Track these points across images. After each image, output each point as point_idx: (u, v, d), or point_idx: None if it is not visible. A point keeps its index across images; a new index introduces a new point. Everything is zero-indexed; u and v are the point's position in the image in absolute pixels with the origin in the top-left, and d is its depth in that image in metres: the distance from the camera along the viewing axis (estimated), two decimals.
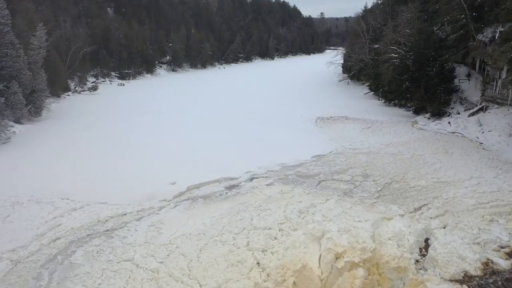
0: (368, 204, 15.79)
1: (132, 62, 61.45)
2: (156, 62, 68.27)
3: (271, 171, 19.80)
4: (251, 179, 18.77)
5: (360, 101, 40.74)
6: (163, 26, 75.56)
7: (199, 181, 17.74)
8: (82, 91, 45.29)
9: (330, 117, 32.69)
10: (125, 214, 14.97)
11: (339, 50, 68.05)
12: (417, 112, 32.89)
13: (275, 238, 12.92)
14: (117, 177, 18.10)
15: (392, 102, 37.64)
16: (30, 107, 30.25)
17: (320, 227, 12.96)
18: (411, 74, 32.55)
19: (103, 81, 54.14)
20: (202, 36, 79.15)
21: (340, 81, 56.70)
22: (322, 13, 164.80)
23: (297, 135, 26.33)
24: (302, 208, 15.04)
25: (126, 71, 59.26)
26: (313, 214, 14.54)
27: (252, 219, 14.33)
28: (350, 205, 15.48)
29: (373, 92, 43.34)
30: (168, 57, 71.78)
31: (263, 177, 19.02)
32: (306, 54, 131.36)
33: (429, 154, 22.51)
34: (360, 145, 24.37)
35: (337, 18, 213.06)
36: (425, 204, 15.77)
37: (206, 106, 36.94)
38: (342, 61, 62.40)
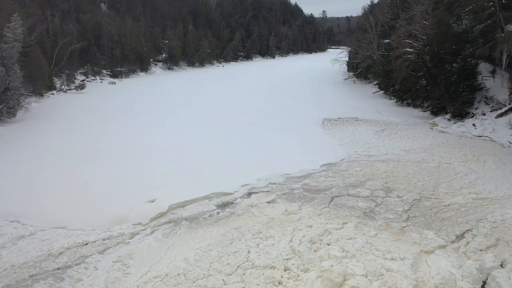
0: (396, 229, 12.45)
1: (126, 59, 58.10)
2: (151, 60, 64.93)
3: (273, 183, 16.48)
4: (249, 194, 15.45)
5: (369, 101, 37.42)
6: (159, 22, 72.26)
7: (185, 198, 14.40)
8: (69, 90, 41.99)
9: (338, 118, 29.36)
10: (86, 244, 11.64)
11: (343, 49, 64.86)
12: (435, 113, 29.55)
13: (280, 284, 9.60)
14: (84, 193, 14.77)
15: (405, 102, 34.32)
16: (2, 107, 26.95)
17: (340, 268, 9.62)
18: (428, 70, 29.23)
19: (94, 80, 50.85)
20: (200, 33, 75.82)
21: (345, 79, 53.40)
22: (324, 11, 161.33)
23: (302, 140, 22.98)
24: (313, 236, 11.71)
25: (119, 69, 55.94)
26: (329, 245, 11.23)
27: (249, 252, 11.02)
28: (374, 231, 12.15)
29: (383, 91, 39.99)
30: (164, 55, 68.45)
31: (263, 191, 15.70)
32: (307, 53, 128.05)
33: (459, 162, 19.18)
34: (376, 151, 21.03)
35: (338, 18, 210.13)
36: (468, 230, 12.44)
37: (201, 107, 33.61)
38: (347, 59, 59.21)
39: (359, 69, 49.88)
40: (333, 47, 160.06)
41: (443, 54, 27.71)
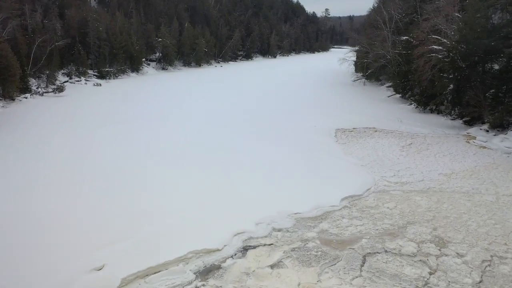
0: None
1: (115, 59, 53.47)
2: (144, 59, 60.30)
3: (279, 230, 11.87)
4: (244, 250, 10.83)
5: (384, 106, 32.78)
6: (153, 19, 67.66)
7: (149, 263, 9.77)
8: (46, 92, 37.38)
9: (353, 128, 24.71)
10: None
11: (351, 48, 60.24)
12: (468, 122, 24.91)
13: None
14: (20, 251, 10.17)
15: (428, 108, 29.68)
16: None
17: None
18: (459, 72, 24.62)
19: (78, 81, 46.22)
20: (197, 31, 71.22)
21: (354, 81, 48.81)
22: (327, 9, 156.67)
23: (314, 159, 18.32)
24: None
25: (107, 69, 51.31)
26: None
27: None
28: None
29: (399, 95, 35.36)
30: (158, 54, 63.81)
31: (264, 244, 11.09)
32: (310, 52, 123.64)
33: None
34: (408, 176, 16.39)
35: (340, 17, 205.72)
36: None
37: (192, 113, 29.01)
38: (355, 58, 54.60)
39: (369, 69, 45.23)
40: (335, 46, 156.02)
41: (481, 52, 23.06)
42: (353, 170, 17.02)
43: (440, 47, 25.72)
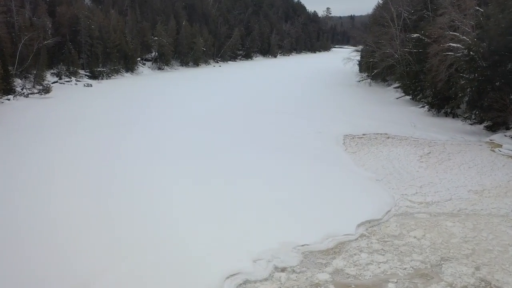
0: None
1: (108, 58, 51.10)
2: (139, 58, 57.89)
3: (282, 270, 9.49)
4: None
5: (394, 109, 30.40)
6: (149, 17, 65.35)
7: None
8: (31, 93, 35.00)
9: (363, 134, 22.31)
10: None
11: (354, 48, 57.89)
12: (491, 127, 22.50)
13: None
14: None
15: (443, 111, 27.29)
16: None
17: None
18: (480, 72, 22.24)
19: (68, 81, 43.82)
20: (195, 29, 68.80)
21: (359, 81, 46.40)
22: (328, 8, 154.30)
23: (322, 173, 15.90)
24: None
25: (99, 69, 48.92)
26: None
27: None
28: None
29: (409, 97, 32.97)
30: (154, 53, 61.38)
31: None
32: (311, 52, 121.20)
33: None
34: (433, 194, 13.99)
35: (340, 17, 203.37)
36: None
37: (185, 117, 26.63)
38: (359, 58, 52.36)
39: (375, 69, 42.86)
40: (336, 46, 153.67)
41: (505, 50, 20.67)
42: (367, 186, 14.63)
43: (459, 45, 23.33)
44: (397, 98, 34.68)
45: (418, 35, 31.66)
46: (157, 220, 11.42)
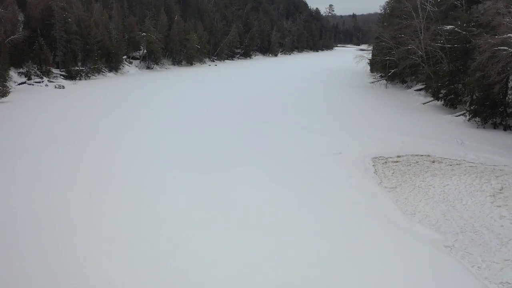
0: None
1: (88, 56, 45.35)
2: (125, 57, 52.13)
3: None
4: None
5: (424, 118, 24.61)
6: (137, 11, 59.59)
7: None
8: None
9: (398, 156, 16.48)
10: None
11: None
12: None
13: None
14: None
15: (490, 122, 21.50)
16: None
17: None
18: None
19: (38, 82, 38.04)
20: (189, 25, 63.00)
21: (372, 83, 40.61)
22: (331, 5, 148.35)
23: (349, 231, 10.05)
24: None
25: (77, 68, 43.12)
26: None
27: None
28: None
29: (441, 102, 27.18)
30: (143, 51, 55.52)
31: None
32: (313, 50, 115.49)
33: None
34: None
35: (341, 16, 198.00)
36: None
37: (170, 131, 20.91)
38: (370, 56, 46.72)
39: (392, 69, 37.10)
40: (339, 45, 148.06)
41: None
42: (435, 262, 8.81)
43: None
44: (423, 104, 28.88)
45: (452, 26, 25.86)
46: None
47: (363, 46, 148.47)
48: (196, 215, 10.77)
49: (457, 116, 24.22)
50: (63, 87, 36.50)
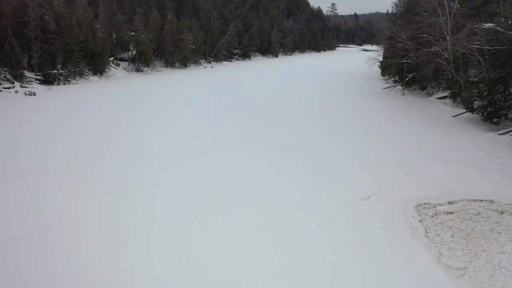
0: None
1: (70, 57, 40.84)
2: (111, 58, 47.60)
3: None
4: None
5: (458, 135, 20.11)
6: (126, 9, 55.06)
7: None
8: None
9: (450, 204, 11.89)
10: None
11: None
12: None
13: None
14: None
15: None
16: None
17: None
18: None
19: (7, 88, 33.44)
20: (183, 24, 58.45)
21: (385, 89, 36.11)
22: (333, 4, 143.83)
23: None
24: None
25: (55, 71, 38.58)
26: None
27: None
28: None
29: (480, 114, 22.60)
30: (132, 52, 50.91)
31: None
32: (315, 51, 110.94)
33: None
34: None
35: (342, 15, 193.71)
36: None
37: (150, 151, 16.38)
38: (381, 58, 42.33)
39: (410, 73, 32.60)
40: (341, 45, 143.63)
41: None
42: None
43: None
44: (453, 116, 24.35)
45: (492, 24, 21.33)
46: None
47: (366, 46, 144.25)
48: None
49: (502, 134, 19.71)
50: (34, 94, 31.89)
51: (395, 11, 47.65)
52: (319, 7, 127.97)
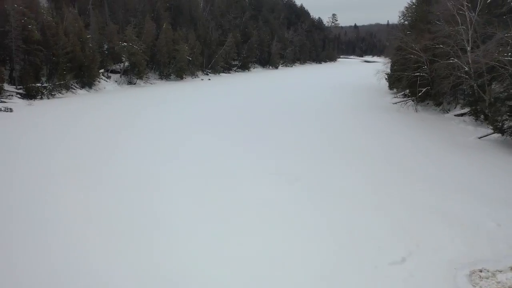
0: None
1: (55, 69, 38.11)
2: (102, 70, 44.84)
3: None
4: None
5: (495, 164, 17.14)
6: (119, 19, 52.52)
7: None
8: None
9: (497, 272, 8.91)
10: None
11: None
12: None
13: None
14: None
15: None
16: None
17: None
18: None
19: None
20: (179, 34, 55.87)
21: (396, 103, 33.28)
22: (334, 15, 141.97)
23: None
24: None
25: (38, 84, 35.76)
26: None
27: None
28: None
29: (506, 136, 19.71)
30: (125, 64, 48.18)
31: None
32: (316, 62, 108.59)
33: None
34: None
35: (342, 27, 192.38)
36: None
37: (131, 183, 13.45)
38: (388, 71, 39.68)
39: (423, 87, 29.79)
40: (342, 56, 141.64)
41: None
42: None
43: None
44: (479, 138, 21.41)
45: None
46: None
47: (367, 58, 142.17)
48: None
49: None
50: (11, 110, 28.92)
51: (402, 21, 44.99)
52: (319, 17, 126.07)
